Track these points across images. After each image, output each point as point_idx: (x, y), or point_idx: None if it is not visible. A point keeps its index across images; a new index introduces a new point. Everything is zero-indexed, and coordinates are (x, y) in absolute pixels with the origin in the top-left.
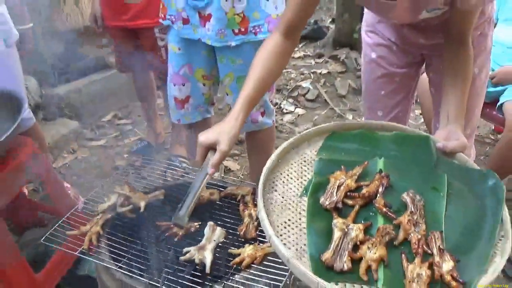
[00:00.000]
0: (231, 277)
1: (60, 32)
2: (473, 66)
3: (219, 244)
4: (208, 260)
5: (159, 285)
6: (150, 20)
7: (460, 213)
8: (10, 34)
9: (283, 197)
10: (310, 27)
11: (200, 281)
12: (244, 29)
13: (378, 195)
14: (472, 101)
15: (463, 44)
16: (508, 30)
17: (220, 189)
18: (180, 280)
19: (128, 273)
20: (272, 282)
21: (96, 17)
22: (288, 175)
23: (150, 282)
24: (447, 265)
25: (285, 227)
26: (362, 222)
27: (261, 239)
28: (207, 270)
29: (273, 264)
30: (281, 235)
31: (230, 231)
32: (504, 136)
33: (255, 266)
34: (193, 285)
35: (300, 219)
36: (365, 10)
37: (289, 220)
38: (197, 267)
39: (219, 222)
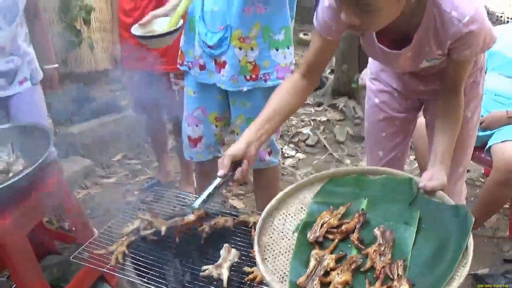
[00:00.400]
0: None
1: (75, 75)
2: (467, 110)
3: (234, 264)
4: (225, 276)
5: None
6: (167, 66)
7: (428, 243)
8: (36, 73)
9: (278, 233)
10: None
11: None
12: (255, 76)
13: (355, 230)
14: (464, 142)
15: (455, 92)
16: (496, 79)
17: (234, 217)
18: None
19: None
20: None
21: (116, 60)
22: (286, 215)
23: None
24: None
25: (276, 257)
26: (339, 253)
27: None
28: (224, 284)
29: None
30: (272, 263)
31: (244, 253)
32: (491, 176)
33: None
34: None
35: (289, 251)
36: (370, 59)
37: (280, 251)
38: (214, 282)
39: (233, 245)
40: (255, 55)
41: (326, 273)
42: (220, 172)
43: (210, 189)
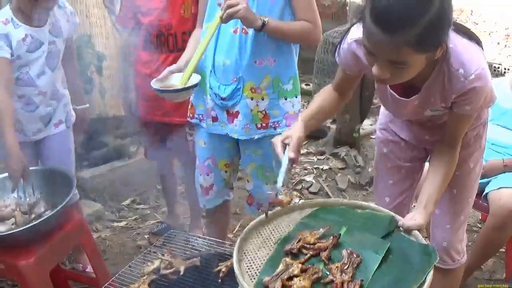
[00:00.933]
0: None
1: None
2: (469, 161)
3: None
4: None
5: None
6: (183, 118)
7: (390, 271)
8: (70, 115)
9: (261, 242)
10: None
11: None
12: (266, 124)
13: (327, 249)
14: (467, 192)
15: (452, 146)
16: (492, 129)
17: None
18: None
19: None
20: None
21: (131, 108)
22: (274, 229)
23: None
24: None
25: (252, 261)
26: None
27: None
28: None
29: None
30: (247, 264)
31: None
32: (488, 222)
33: None
34: None
35: (266, 257)
36: (381, 111)
37: (257, 256)
38: None
39: None
40: (266, 104)
41: (290, 278)
42: (292, 154)
43: (284, 171)
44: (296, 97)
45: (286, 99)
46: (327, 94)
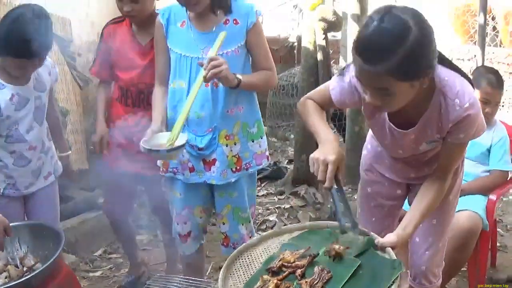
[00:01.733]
0: None
1: None
2: (451, 195)
3: None
4: None
5: None
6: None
7: (358, 283)
8: (58, 166)
9: (249, 262)
10: (270, 169)
11: None
12: (239, 167)
13: (304, 267)
14: (446, 222)
15: (442, 179)
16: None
17: None
18: None
19: None
20: None
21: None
22: (264, 250)
23: None
24: None
25: (238, 277)
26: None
27: None
28: None
29: None
30: (233, 280)
31: None
32: (449, 243)
33: None
34: None
35: (251, 275)
36: (363, 154)
37: (244, 273)
38: None
39: None
40: (238, 148)
41: None
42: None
43: (342, 206)
44: (262, 138)
45: (253, 141)
46: (317, 109)
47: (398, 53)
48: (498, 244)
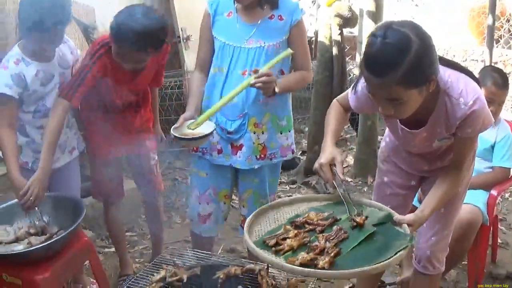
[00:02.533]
0: None
1: None
2: (461, 186)
3: None
4: None
5: None
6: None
7: (369, 247)
8: (81, 141)
9: (277, 218)
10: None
11: None
12: (264, 155)
13: (324, 226)
14: (454, 211)
15: (457, 168)
16: None
17: (241, 266)
18: None
19: None
20: None
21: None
22: (293, 210)
23: None
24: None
25: (266, 228)
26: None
27: None
28: None
29: None
30: (256, 232)
31: None
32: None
33: None
34: None
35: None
36: (381, 145)
37: (267, 229)
38: None
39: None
40: (265, 137)
41: (284, 239)
42: (343, 177)
43: (347, 198)
44: (290, 131)
45: (281, 133)
46: (338, 114)
47: (404, 64)
48: (499, 241)
